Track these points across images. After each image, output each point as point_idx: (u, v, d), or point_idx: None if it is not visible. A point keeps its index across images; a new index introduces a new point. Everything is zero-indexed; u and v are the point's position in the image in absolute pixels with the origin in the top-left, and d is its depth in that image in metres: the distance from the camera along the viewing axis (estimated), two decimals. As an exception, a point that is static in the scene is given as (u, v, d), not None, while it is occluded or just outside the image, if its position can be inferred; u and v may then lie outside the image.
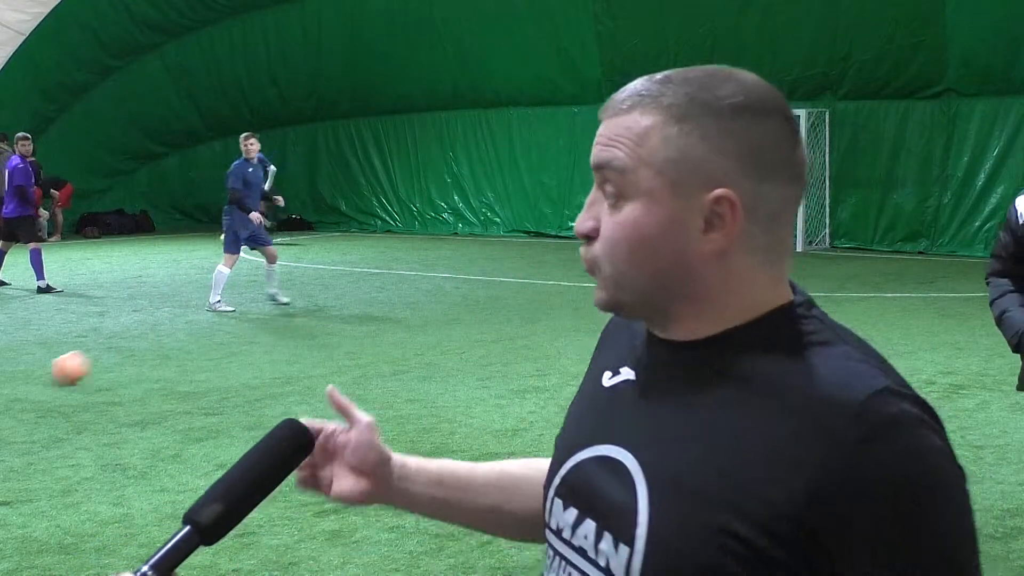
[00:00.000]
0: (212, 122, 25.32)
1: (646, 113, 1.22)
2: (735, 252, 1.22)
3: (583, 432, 1.35)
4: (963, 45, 17.33)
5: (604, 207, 1.25)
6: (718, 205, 1.20)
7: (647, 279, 1.23)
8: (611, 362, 1.38)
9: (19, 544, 5.29)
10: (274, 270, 13.27)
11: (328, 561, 5.01)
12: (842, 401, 1.13)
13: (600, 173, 1.25)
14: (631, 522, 1.21)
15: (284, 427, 1.30)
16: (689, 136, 1.20)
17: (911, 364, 9.10)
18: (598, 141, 1.26)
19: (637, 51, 20.01)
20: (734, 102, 1.21)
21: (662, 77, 1.26)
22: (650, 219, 1.21)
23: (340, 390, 1.58)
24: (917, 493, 1.11)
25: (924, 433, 1.14)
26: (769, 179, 1.22)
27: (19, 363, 9.69)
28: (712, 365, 1.23)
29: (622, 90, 1.28)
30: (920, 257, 17.82)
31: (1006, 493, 5.84)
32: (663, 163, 1.21)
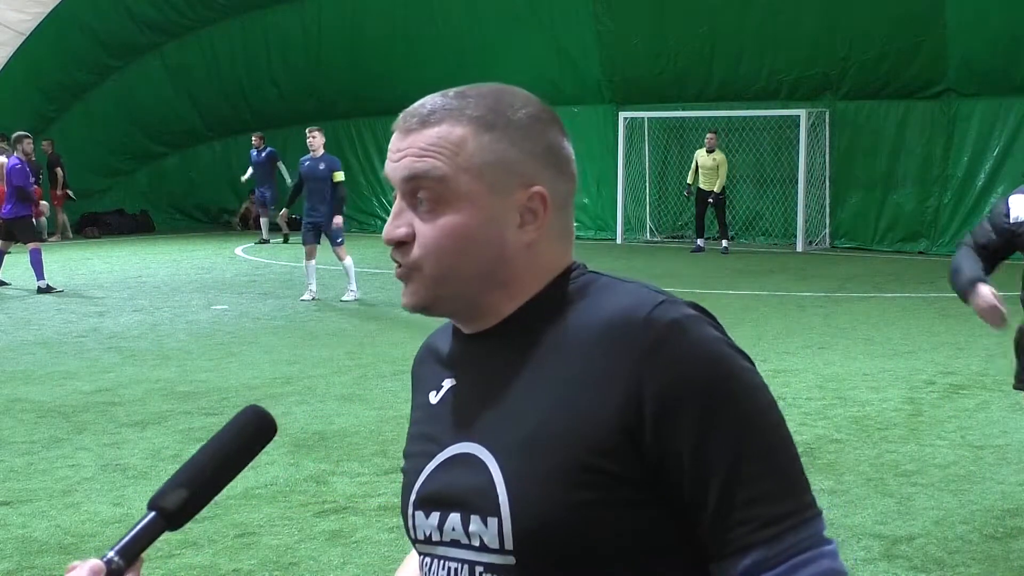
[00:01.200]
0: (212, 122, 25.32)
1: (456, 124, 1.35)
2: (541, 239, 1.38)
3: (424, 448, 1.44)
4: (963, 45, 17.33)
5: (415, 215, 1.36)
6: (531, 201, 1.36)
7: (468, 275, 1.36)
8: (430, 384, 1.49)
9: (19, 544, 5.29)
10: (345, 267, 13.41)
11: (328, 561, 5.02)
12: (631, 318, 1.30)
13: (412, 183, 1.35)
14: (492, 495, 1.31)
15: (247, 413, 1.34)
16: (500, 142, 1.35)
17: (911, 364, 9.10)
18: (406, 153, 1.36)
19: (637, 51, 20.02)
20: (528, 112, 1.38)
21: (456, 93, 1.38)
22: (472, 220, 1.34)
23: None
24: (712, 374, 1.28)
25: (704, 327, 1.31)
26: (560, 176, 1.40)
27: (19, 363, 9.69)
28: (519, 337, 1.37)
29: (418, 105, 1.38)
30: (920, 257, 17.82)
31: (1006, 493, 5.84)
32: (480, 168, 1.34)
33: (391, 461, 6.54)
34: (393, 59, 22.65)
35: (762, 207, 20.04)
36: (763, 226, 20.05)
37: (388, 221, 1.38)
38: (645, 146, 20.93)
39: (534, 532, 1.29)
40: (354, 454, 6.70)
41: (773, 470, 1.28)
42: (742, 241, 20.13)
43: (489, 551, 1.33)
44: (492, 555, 1.32)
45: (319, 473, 6.33)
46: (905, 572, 4.78)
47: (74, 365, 9.56)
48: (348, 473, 6.33)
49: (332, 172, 13.25)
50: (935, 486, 5.91)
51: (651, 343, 1.28)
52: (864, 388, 8.27)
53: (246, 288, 14.79)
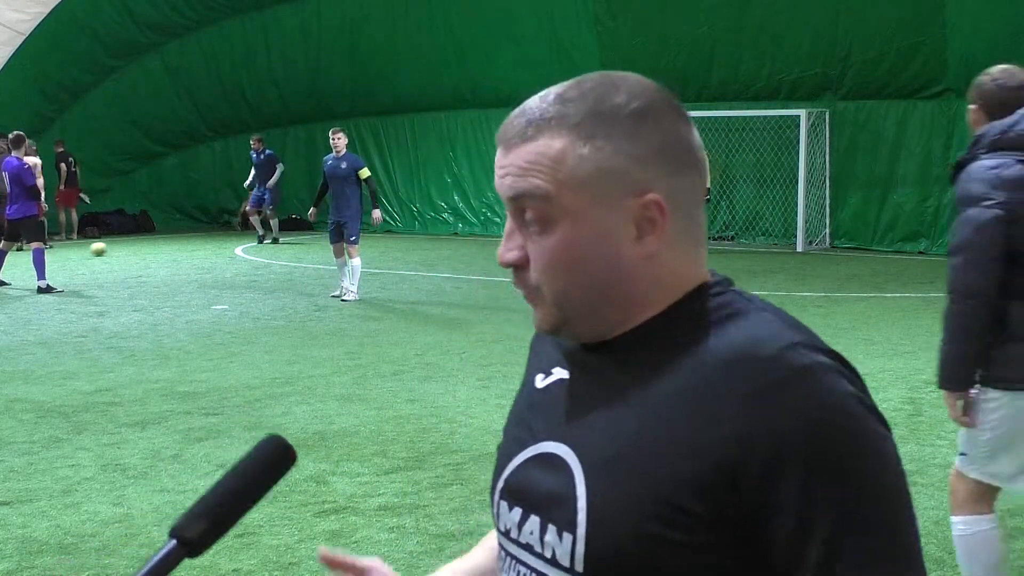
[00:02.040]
0: (212, 122, 25.32)
1: (555, 136, 1.24)
2: (663, 249, 1.26)
3: (520, 434, 1.38)
4: (963, 45, 17.33)
5: (527, 235, 1.27)
6: (647, 210, 1.24)
7: (589, 294, 1.26)
8: (542, 365, 1.42)
9: (19, 544, 5.29)
10: (353, 266, 13.45)
11: (328, 561, 5.01)
12: (758, 353, 1.19)
13: (517, 203, 1.27)
14: (571, 509, 1.24)
15: (268, 443, 1.33)
16: (603, 150, 1.24)
17: (911, 364, 9.09)
18: (507, 171, 1.27)
19: (637, 51, 20.00)
20: (634, 107, 1.25)
21: (555, 97, 1.28)
22: (582, 237, 1.24)
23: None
24: (837, 430, 1.15)
25: (835, 379, 1.18)
26: (680, 172, 1.27)
27: (19, 363, 9.69)
28: (638, 353, 1.27)
29: (516, 115, 1.29)
30: (920, 257, 17.82)
31: (1006, 493, 5.83)
32: (584, 182, 1.23)
33: (391, 461, 6.54)
34: (393, 59, 22.66)
35: (762, 207, 20.04)
36: (763, 226, 20.05)
37: (501, 243, 1.30)
38: (645, 146, 20.92)
39: (606, 559, 1.22)
40: (354, 454, 6.70)
41: (886, 553, 1.15)
42: (742, 241, 20.13)
43: (559, 567, 1.27)
44: (560, 572, 1.26)
45: (319, 473, 6.33)
46: (905, 572, 4.77)
47: (74, 365, 9.56)
48: (348, 473, 6.33)
49: (356, 171, 13.41)
50: (935, 486, 5.91)
51: (773, 383, 1.16)
52: (864, 388, 8.27)
53: (246, 288, 14.78)
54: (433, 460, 6.55)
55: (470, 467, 6.40)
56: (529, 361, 1.49)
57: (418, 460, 6.56)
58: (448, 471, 6.33)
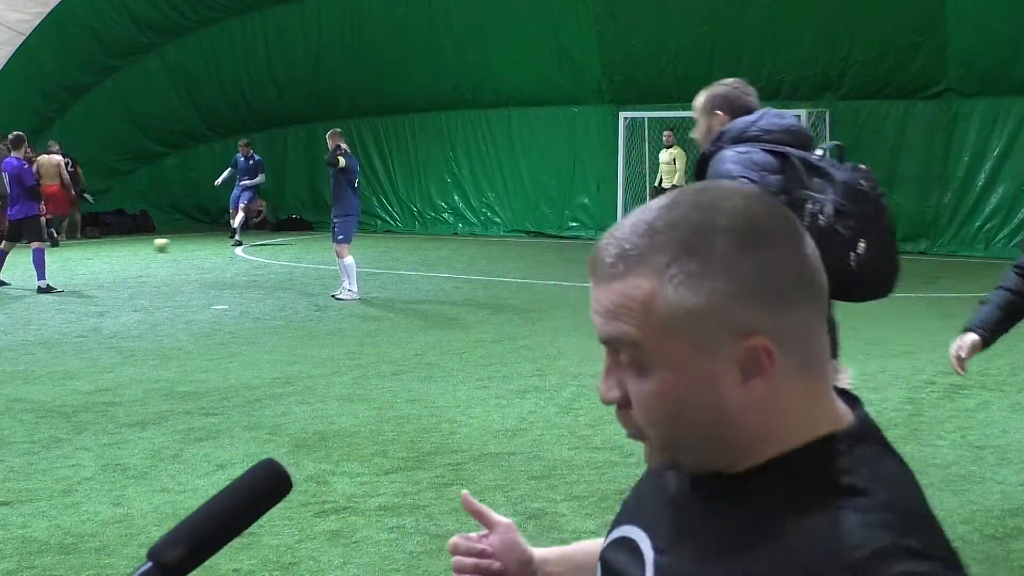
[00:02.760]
0: (212, 122, 25.32)
1: (642, 276, 1.11)
2: (775, 391, 1.12)
3: (628, 508, 1.32)
4: (963, 45, 17.34)
5: (626, 372, 1.15)
6: (753, 353, 1.10)
7: (695, 440, 1.14)
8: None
9: (19, 544, 5.29)
10: (343, 265, 13.58)
11: (328, 561, 5.01)
12: (839, 558, 1.04)
13: (610, 344, 1.16)
14: None
15: (262, 468, 1.28)
16: (695, 292, 1.09)
17: (911, 364, 9.10)
18: (596, 310, 1.15)
19: (637, 51, 20.02)
20: (732, 239, 1.10)
21: (645, 226, 1.13)
22: (681, 384, 1.11)
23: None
24: None
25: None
26: (791, 305, 1.11)
27: (19, 363, 9.69)
28: (738, 498, 1.15)
29: (606, 243, 1.15)
30: (920, 257, 17.82)
31: (1006, 493, 5.84)
32: (677, 327, 1.10)
33: (391, 461, 6.54)
34: (393, 59, 22.66)
35: (762, 207, 20.04)
36: (763, 226, 20.05)
37: (601, 378, 1.19)
38: (645, 146, 20.92)
39: None
40: (354, 454, 6.70)
41: None
42: (742, 241, 20.14)
43: None
44: None
45: (319, 473, 6.33)
46: (905, 572, 4.77)
47: (74, 365, 9.56)
48: (348, 473, 6.33)
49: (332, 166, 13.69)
50: (935, 486, 5.91)
51: None
52: (864, 388, 8.27)
53: (246, 288, 14.78)
54: (433, 460, 6.55)
55: (470, 467, 6.40)
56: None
57: (418, 460, 6.56)
58: (448, 471, 6.33)
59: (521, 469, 6.31)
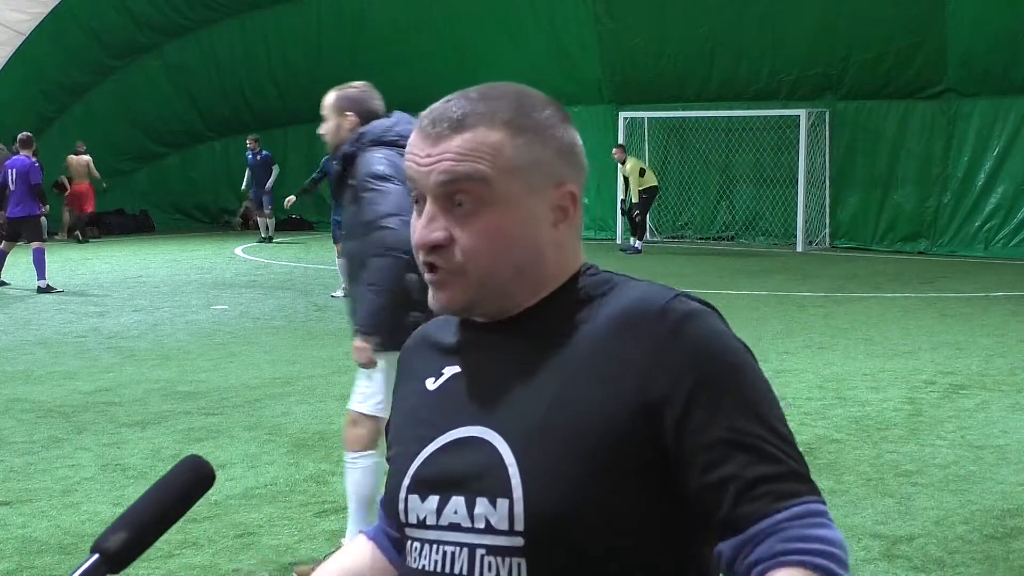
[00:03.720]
0: (212, 122, 25.32)
1: (491, 128, 1.38)
2: (567, 236, 1.44)
3: (419, 434, 1.45)
4: (963, 45, 17.34)
5: (454, 218, 1.38)
6: (563, 199, 1.42)
7: (508, 274, 1.39)
8: (429, 370, 1.50)
9: (19, 544, 5.29)
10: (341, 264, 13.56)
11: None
12: (648, 308, 1.36)
13: (450, 187, 1.37)
14: (503, 477, 1.33)
15: (187, 462, 1.37)
16: (532, 144, 1.39)
17: (911, 364, 9.09)
18: (441, 158, 1.38)
19: (637, 51, 20.02)
20: (549, 112, 1.43)
21: (478, 95, 1.41)
22: (513, 220, 1.38)
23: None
24: (726, 362, 1.34)
25: (715, 320, 1.38)
26: (581, 172, 1.46)
27: (19, 363, 9.68)
28: (535, 328, 1.41)
29: (443, 110, 1.40)
30: (920, 257, 17.82)
31: (1006, 493, 5.84)
32: (518, 169, 1.38)
33: (391, 461, 6.54)
34: (393, 59, 22.65)
35: (762, 207, 20.05)
36: (763, 226, 20.06)
37: (420, 226, 1.40)
38: (645, 146, 20.93)
39: (547, 513, 1.31)
40: (354, 454, 6.70)
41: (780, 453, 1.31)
42: (742, 241, 20.14)
43: (495, 532, 1.33)
44: (498, 536, 1.33)
45: (319, 473, 6.33)
46: (905, 572, 4.78)
47: (74, 365, 9.56)
48: (348, 473, 6.32)
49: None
50: (935, 486, 5.91)
51: (667, 331, 1.34)
52: (864, 388, 8.27)
53: (246, 288, 14.78)
54: (433, 460, 6.54)
55: (470, 467, 6.39)
56: (402, 376, 1.57)
57: (418, 460, 6.55)
58: (448, 471, 6.32)
59: (521, 469, 6.31)
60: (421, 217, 1.40)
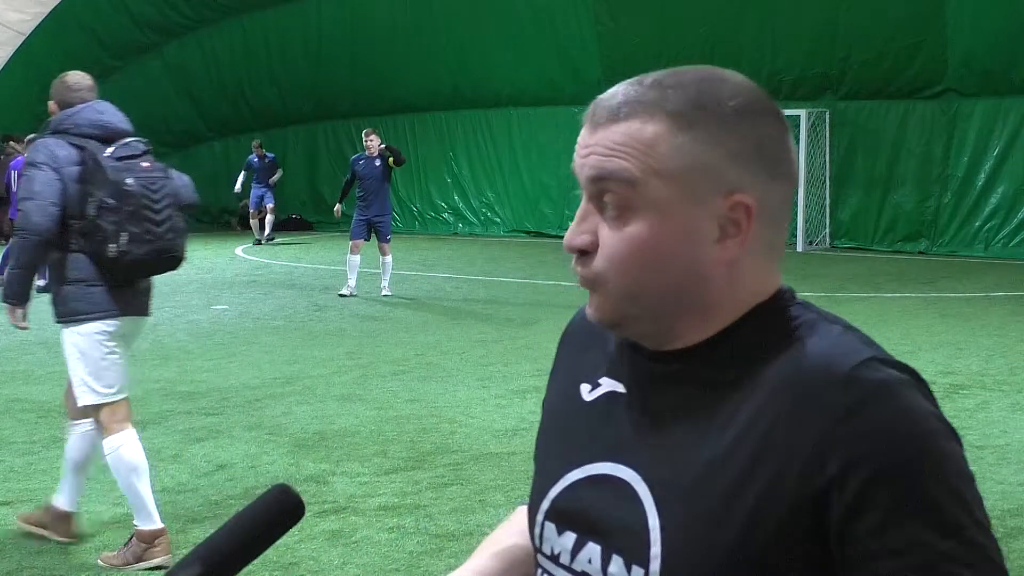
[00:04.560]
0: (212, 122, 25.31)
1: (650, 120, 1.18)
2: (744, 255, 1.19)
3: (567, 452, 1.30)
4: (963, 45, 17.34)
5: (601, 220, 1.20)
6: (734, 211, 1.18)
7: (659, 293, 1.19)
8: (585, 373, 1.35)
9: (19, 544, 5.29)
10: (386, 263, 13.77)
11: (328, 561, 5.01)
12: (831, 374, 1.13)
13: (599, 185, 1.19)
14: (644, 542, 1.17)
15: (273, 492, 1.27)
16: (698, 142, 1.17)
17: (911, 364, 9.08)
18: (592, 151, 1.20)
19: (637, 51, 20.00)
20: (736, 104, 1.19)
21: (653, 81, 1.22)
22: (663, 231, 1.17)
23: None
24: (917, 451, 1.11)
25: (913, 395, 1.15)
26: (773, 178, 1.20)
27: (19, 363, 9.68)
28: (706, 371, 1.20)
29: (610, 95, 1.22)
30: (920, 257, 17.83)
31: (1006, 493, 5.84)
32: (675, 172, 1.17)
33: (391, 461, 6.54)
34: (393, 59, 22.66)
35: (762, 207, 20.05)
36: (763, 226, 20.05)
37: (571, 226, 1.23)
38: (645, 146, 20.93)
39: None
40: (354, 454, 6.70)
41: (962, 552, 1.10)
42: (742, 241, 20.14)
43: None
44: None
45: (319, 473, 6.33)
46: (905, 572, 4.77)
47: (74, 365, 9.55)
48: (348, 473, 6.33)
49: (390, 169, 13.91)
50: (935, 486, 5.90)
51: (849, 406, 1.11)
52: (864, 388, 8.27)
53: (246, 288, 14.78)
54: (433, 460, 6.55)
55: (470, 467, 6.40)
56: (563, 362, 1.42)
57: (418, 460, 6.56)
58: (448, 471, 6.33)
59: (521, 469, 6.31)
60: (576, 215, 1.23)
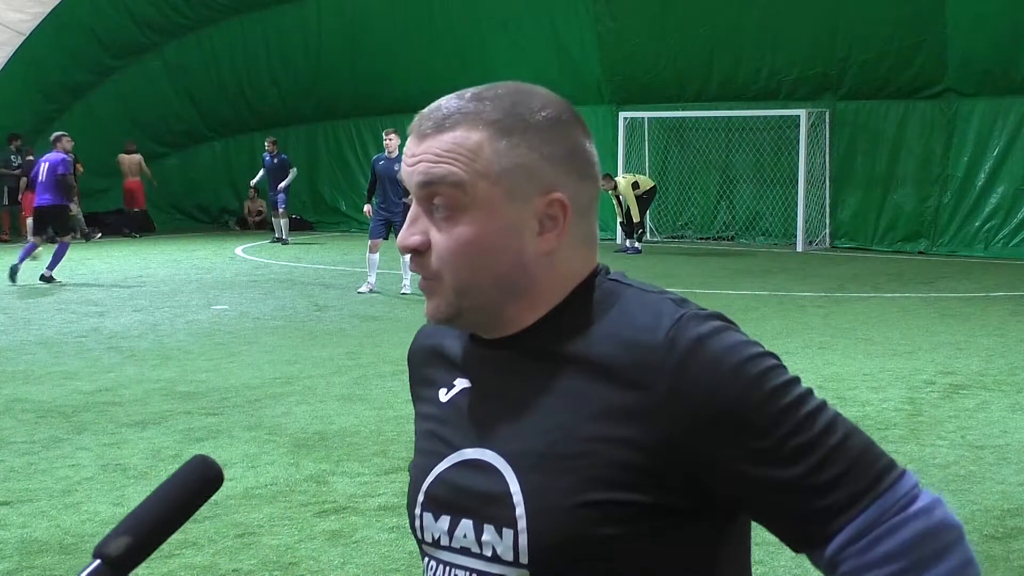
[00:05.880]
0: (212, 122, 25.31)
1: (472, 129, 1.30)
2: (561, 247, 1.33)
3: (434, 447, 1.41)
4: (963, 45, 17.34)
5: (432, 221, 1.32)
6: (551, 208, 1.32)
7: (488, 285, 1.32)
8: (441, 379, 1.45)
9: (19, 544, 5.29)
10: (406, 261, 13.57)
11: (328, 561, 5.01)
12: (651, 341, 1.26)
13: (428, 189, 1.31)
14: (508, 506, 1.29)
15: (193, 462, 1.32)
16: (518, 147, 1.30)
17: (911, 364, 9.09)
18: (421, 158, 1.32)
19: (637, 51, 20.03)
20: (547, 114, 1.32)
21: (472, 95, 1.33)
22: (490, 228, 1.30)
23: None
24: (741, 385, 1.23)
25: (727, 334, 1.27)
26: (582, 179, 1.35)
27: (19, 363, 9.68)
28: (539, 349, 1.34)
29: (433, 108, 1.34)
30: (920, 257, 17.82)
31: (1006, 493, 5.84)
32: (499, 174, 1.30)
33: (391, 461, 6.54)
34: (393, 59, 22.66)
35: (762, 207, 20.05)
36: (763, 226, 20.06)
37: (403, 228, 1.34)
38: (645, 146, 20.94)
39: (552, 547, 1.27)
40: (354, 454, 6.70)
41: (831, 455, 1.25)
42: (742, 241, 20.14)
43: (501, 562, 1.30)
44: (504, 567, 1.30)
45: (319, 473, 6.33)
46: (905, 572, 4.77)
47: (74, 365, 9.56)
48: (348, 473, 6.33)
49: None
50: (935, 486, 5.90)
51: (673, 368, 1.24)
52: (864, 388, 8.27)
53: (246, 288, 14.78)
54: (433, 460, 6.55)
55: (470, 467, 6.39)
56: (417, 382, 1.52)
57: (418, 460, 6.56)
58: (448, 471, 6.32)
59: (521, 469, 6.31)
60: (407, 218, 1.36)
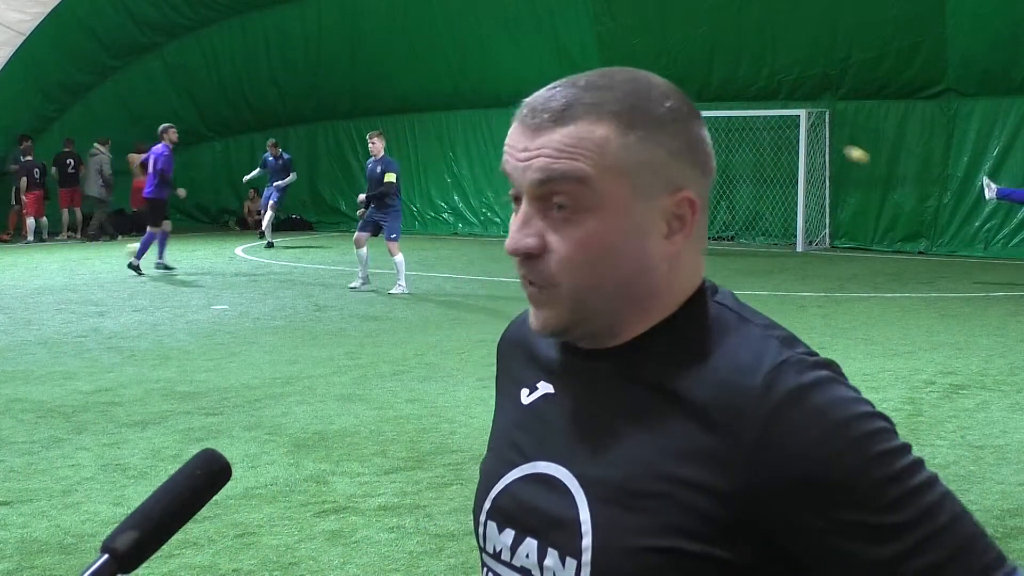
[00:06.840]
0: (212, 122, 25.31)
1: (597, 122, 1.20)
2: (684, 249, 1.24)
3: (508, 454, 1.34)
4: (963, 45, 17.34)
5: (550, 222, 1.21)
6: (679, 207, 1.22)
7: (610, 291, 1.22)
8: (525, 378, 1.37)
9: (19, 544, 5.29)
10: (395, 262, 13.95)
11: (328, 561, 5.01)
12: (747, 385, 1.15)
13: (548, 187, 1.20)
14: (575, 534, 1.21)
15: (201, 456, 1.31)
16: (645, 142, 1.21)
17: (911, 364, 9.10)
18: (538, 153, 1.20)
19: (637, 51, 20.02)
20: (670, 105, 1.23)
21: (587, 83, 1.23)
22: (616, 228, 1.20)
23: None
24: (839, 447, 1.11)
25: (831, 387, 1.15)
26: (704, 174, 1.26)
27: (19, 363, 9.68)
28: (632, 369, 1.24)
29: (546, 98, 1.23)
30: (920, 257, 17.83)
31: (1006, 493, 5.84)
32: (626, 170, 1.20)
33: (391, 461, 6.54)
34: (393, 59, 22.66)
35: (762, 207, 20.05)
36: (763, 226, 20.06)
37: (513, 230, 1.22)
38: (645, 146, 20.93)
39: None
40: (354, 454, 6.70)
41: (933, 538, 1.11)
42: (742, 241, 20.14)
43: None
44: None
45: (319, 473, 6.33)
46: (905, 572, 4.77)
47: (74, 365, 9.56)
48: (348, 473, 6.33)
49: (384, 173, 13.96)
50: (935, 486, 5.90)
51: (764, 418, 1.13)
52: (864, 388, 8.19)
53: (246, 288, 14.78)
54: (433, 460, 6.55)
55: (470, 467, 6.39)
56: (503, 368, 1.44)
57: (418, 460, 6.56)
58: (448, 471, 6.33)
59: (521, 469, 6.31)
60: (516, 219, 1.23)
